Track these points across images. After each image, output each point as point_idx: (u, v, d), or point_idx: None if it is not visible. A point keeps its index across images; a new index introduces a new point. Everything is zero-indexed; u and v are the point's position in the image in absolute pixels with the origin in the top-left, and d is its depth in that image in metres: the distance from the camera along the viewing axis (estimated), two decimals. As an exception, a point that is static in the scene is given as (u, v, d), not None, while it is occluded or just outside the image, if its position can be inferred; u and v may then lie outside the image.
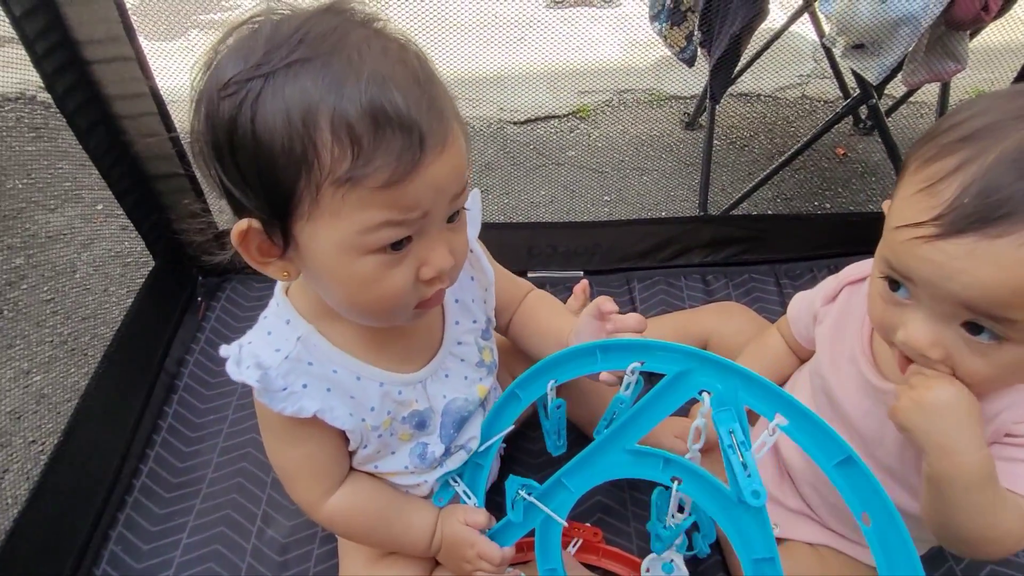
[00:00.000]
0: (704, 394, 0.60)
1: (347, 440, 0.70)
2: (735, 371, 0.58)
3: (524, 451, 1.03)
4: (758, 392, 0.58)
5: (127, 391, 1.07)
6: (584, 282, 1.17)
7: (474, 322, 0.76)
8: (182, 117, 1.16)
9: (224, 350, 0.64)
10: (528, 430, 1.05)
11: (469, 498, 0.77)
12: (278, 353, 0.63)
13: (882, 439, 0.72)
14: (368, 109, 0.48)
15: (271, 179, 0.51)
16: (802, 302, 0.87)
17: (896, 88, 1.68)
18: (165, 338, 1.17)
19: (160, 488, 0.99)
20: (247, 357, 0.63)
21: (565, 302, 1.16)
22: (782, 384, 0.92)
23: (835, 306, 0.80)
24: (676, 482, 0.63)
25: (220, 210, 0.60)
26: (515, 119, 1.96)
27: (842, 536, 0.82)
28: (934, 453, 0.60)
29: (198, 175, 0.56)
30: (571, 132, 1.93)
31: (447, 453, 0.75)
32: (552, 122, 1.97)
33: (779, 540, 0.85)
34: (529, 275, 1.32)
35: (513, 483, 0.73)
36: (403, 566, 0.79)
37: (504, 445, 0.95)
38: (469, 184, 0.59)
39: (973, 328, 0.56)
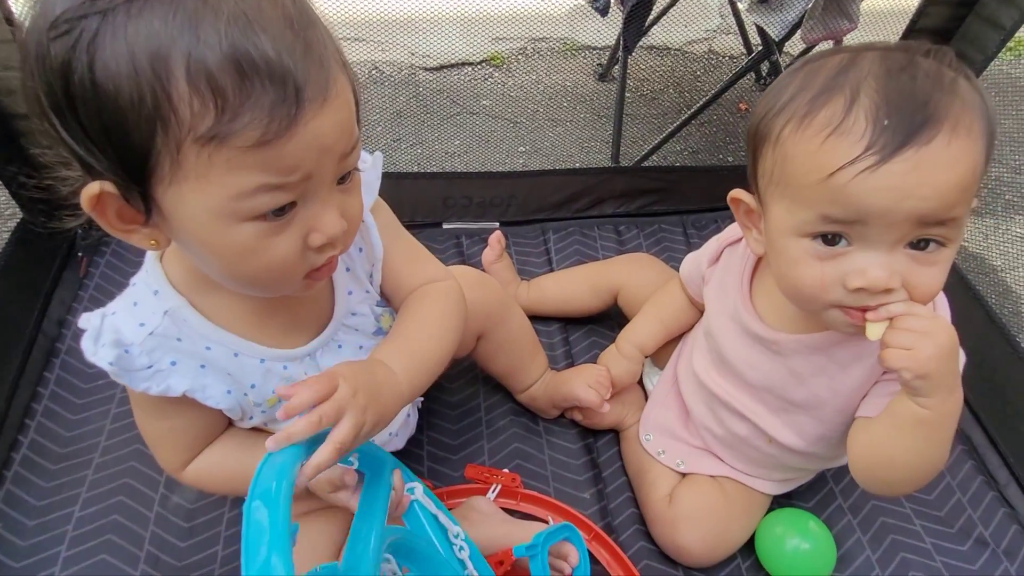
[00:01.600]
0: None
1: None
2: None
3: (442, 403, 1.03)
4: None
5: (-2, 357, 0.96)
6: (498, 232, 1.16)
7: (367, 292, 0.71)
8: (45, 48, 1.03)
9: (84, 320, 0.57)
10: (446, 382, 1.05)
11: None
12: (142, 328, 0.57)
13: (770, 387, 0.77)
14: (231, 55, 0.42)
15: (120, 137, 0.44)
16: (691, 264, 0.90)
17: (794, 46, 1.76)
18: (41, 298, 1.06)
19: (45, 460, 0.91)
20: (107, 331, 0.56)
21: (481, 254, 1.16)
22: (689, 327, 0.97)
23: (718, 267, 0.83)
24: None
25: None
26: (427, 65, 1.88)
27: (739, 470, 0.88)
28: (942, 394, 0.60)
29: (46, 125, 0.47)
30: (485, 80, 1.88)
31: None
32: (466, 69, 1.91)
33: (684, 474, 0.92)
34: (445, 226, 1.30)
35: None
36: (320, 526, 0.78)
37: (420, 398, 0.94)
38: (359, 141, 0.52)
39: (919, 244, 0.59)
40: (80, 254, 1.15)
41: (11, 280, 1.02)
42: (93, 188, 0.47)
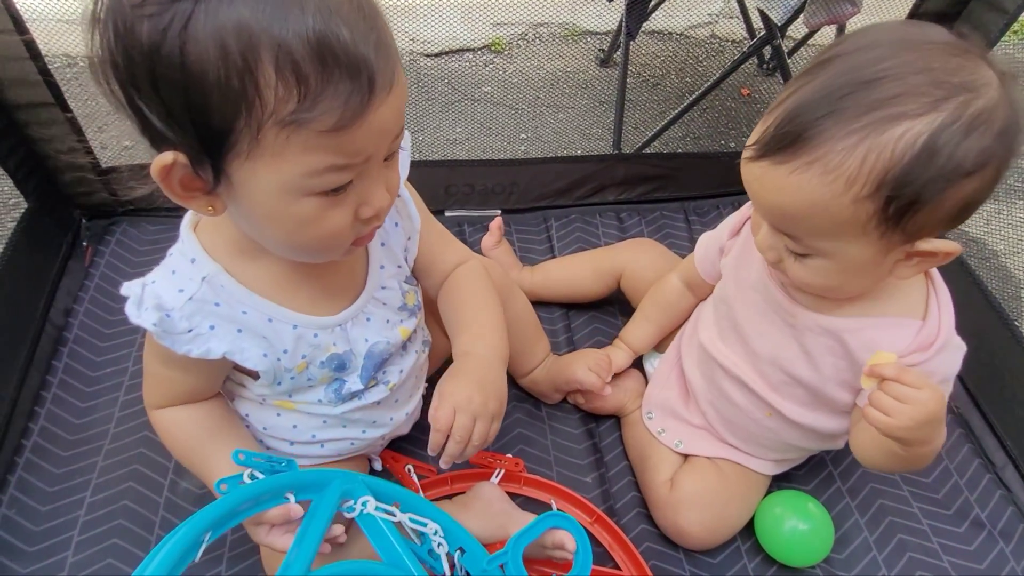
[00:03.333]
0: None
1: (223, 376, 0.69)
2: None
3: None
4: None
5: (7, 347, 0.97)
6: (498, 219, 1.17)
7: (399, 267, 0.74)
8: (46, 38, 1.03)
9: (125, 288, 0.60)
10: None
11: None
12: (182, 294, 0.60)
13: (777, 359, 0.79)
14: (315, 45, 0.44)
15: (203, 115, 0.46)
16: (709, 240, 0.91)
17: (797, 30, 1.75)
18: (47, 287, 1.07)
19: (56, 447, 0.92)
20: (149, 297, 0.59)
21: (481, 240, 1.16)
22: (684, 319, 0.98)
23: (739, 238, 0.84)
24: None
25: (102, 145, 0.54)
26: (428, 51, 1.87)
27: (737, 449, 0.90)
28: (916, 447, 0.64)
29: (114, 96, 0.48)
30: (486, 67, 1.88)
31: (364, 388, 0.74)
32: (466, 55, 1.91)
33: (685, 457, 0.93)
34: (447, 214, 1.30)
35: None
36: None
37: (426, 385, 0.95)
38: (403, 126, 0.56)
39: (783, 239, 0.64)
40: (85, 243, 1.16)
41: (18, 270, 1.03)
42: (167, 158, 0.49)
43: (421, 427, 0.98)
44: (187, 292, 0.60)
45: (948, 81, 0.54)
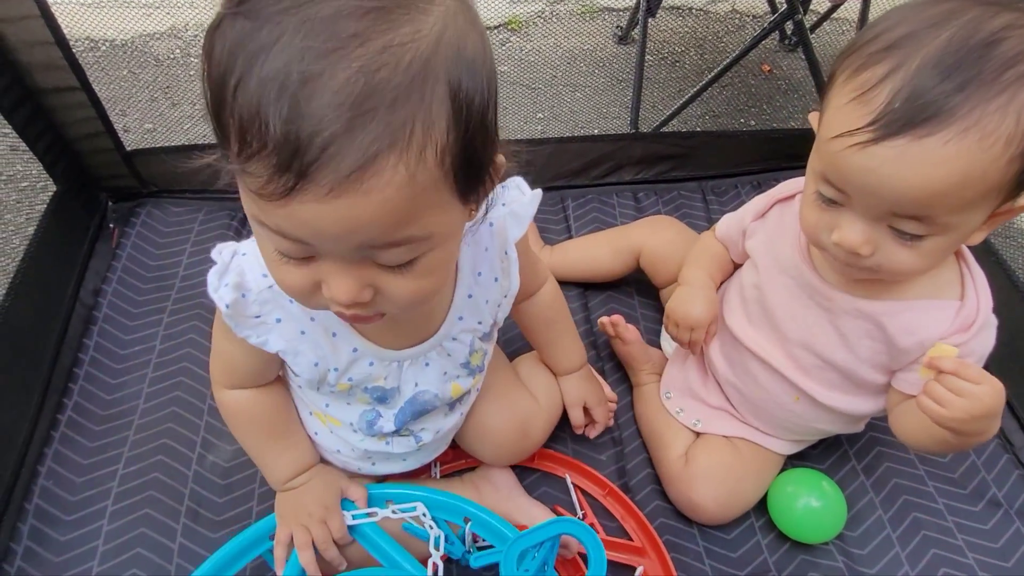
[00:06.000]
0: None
1: (279, 365, 0.68)
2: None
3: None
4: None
5: (39, 325, 1.01)
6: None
7: (479, 323, 0.69)
8: (69, 22, 1.05)
9: (216, 252, 0.60)
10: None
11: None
12: (264, 279, 0.59)
13: (805, 343, 0.79)
14: (259, 106, 0.40)
15: (219, 130, 0.45)
16: (731, 221, 0.90)
17: (820, 4, 1.71)
18: (77, 268, 1.10)
19: (89, 422, 0.96)
20: (233, 271, 0.59)
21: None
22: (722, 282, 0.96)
23: (767, 222, 0.84)
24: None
25: (125, 128, 0.55)
26: (444, 30, 1.86)
27: (756, 428, 0.90)
28: (966, 439, 0.65)
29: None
30: (503, 46, 1.86)
31: (395, 433, 0.73)
32: (483, 34, 1.89)
33: (699, 434, 0.94)
34: (463, 195, 1.30)
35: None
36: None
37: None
38: (429, 238, 0.47)
39: (900, 225, 0.60)
40: (112, 225, 1.19)
41: (48, 252, 1.06)
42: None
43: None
44: (270, 279, 0.57)
45: None
